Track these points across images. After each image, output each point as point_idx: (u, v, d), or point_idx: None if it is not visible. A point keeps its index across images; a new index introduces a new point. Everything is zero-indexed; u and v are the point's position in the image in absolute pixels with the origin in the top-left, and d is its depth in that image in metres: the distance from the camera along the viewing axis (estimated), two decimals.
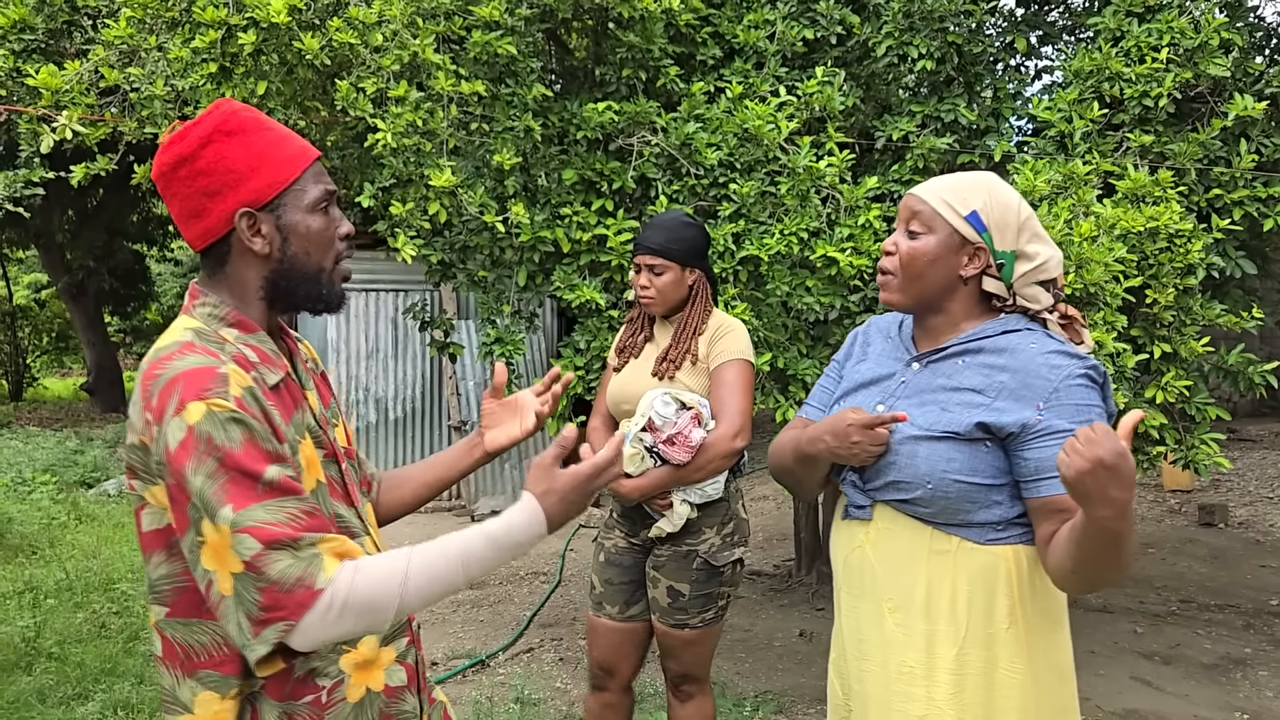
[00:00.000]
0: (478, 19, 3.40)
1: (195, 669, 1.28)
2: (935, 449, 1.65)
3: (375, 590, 1.23)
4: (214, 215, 1.34)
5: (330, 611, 1.21)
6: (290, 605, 1.19)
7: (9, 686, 4.24)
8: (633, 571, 2.82)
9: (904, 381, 1.77)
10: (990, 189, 1.71)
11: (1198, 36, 3.63)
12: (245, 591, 1.19)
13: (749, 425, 2.63)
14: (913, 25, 3.96)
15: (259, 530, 1.19)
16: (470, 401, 9.08)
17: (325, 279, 1.41)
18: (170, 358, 1.27)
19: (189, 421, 1.21)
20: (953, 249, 1.70)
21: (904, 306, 1.79)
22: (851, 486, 1.79)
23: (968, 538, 1.65)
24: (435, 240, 3.82)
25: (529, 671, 4.54)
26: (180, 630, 1.29)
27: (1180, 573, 6.13)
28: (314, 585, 1.20)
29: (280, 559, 1.19)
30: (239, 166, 1.33)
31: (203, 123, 1.34)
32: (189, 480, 1.21)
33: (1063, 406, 1.60)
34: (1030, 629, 1.66)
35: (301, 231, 1.37)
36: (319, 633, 1.21)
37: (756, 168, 3.72)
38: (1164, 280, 3.44)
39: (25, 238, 16.14)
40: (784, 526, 7.28)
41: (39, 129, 3.66)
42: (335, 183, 5.53)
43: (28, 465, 9.69)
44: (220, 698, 1.28)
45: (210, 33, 3.18)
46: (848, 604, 1.81)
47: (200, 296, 1.38)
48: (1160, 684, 4.31)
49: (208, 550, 1.21)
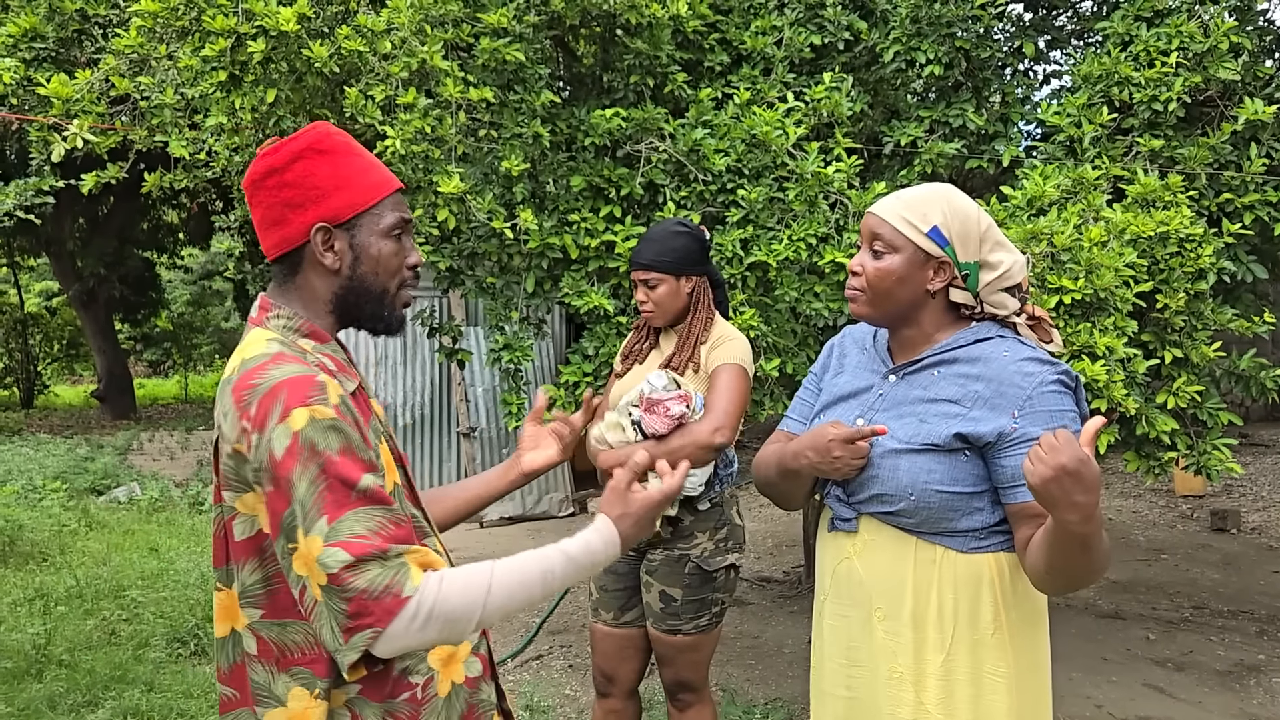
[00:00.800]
0: (486, 26, 3.41)
1: (289, 665, 1.33)
2: (916, 461, 1.68)
3: (460, 602, 1.28)
4: (293, 226, 1.41)
5: (415, 620, 1.25)
6: (378, 612, 1.23)
7: (20, 693, 4.25)
8: (628, 578, 2.82)
9: (881, 394, 1.80)
10: (948, 202, 1.73)
11: (1207, 40, 3.61)
12: (332, 601, 1.24)
13: (733, 426, 2.58)
14: (920, 31, 3.96)
15: (350, 544, 1.24)
16: (479, 408, 9.08)
17: (389, 301, 1.48)
18: (264, 367, 1.32)
19: (294, 428, 1.26)
20: (917, 265, 1.72)
21: (874, 321, 1.82)
22: (836, 500, 1.81)
23: (952, 546, 1.69)
24: (443, 247, 3.83)
25: (538, 679, 4.53)
26: (275, 630, 1.34)
27: (1193, 579, 6.10)
28: (401, 593, 1.24)
29: (369, 569, 1.24)
30: (323, 184, 1.41)
31: (298, 139, 1.42)
32: (293, 486, 1.25)
33: (1037, 414, 1.63)
34: (1014, 632, 1.70)
35: (373, 253, 1.44)
36: (403, 640, 1.26)
37: (764, 173, 3.72)
38: (1175, 285, 3.42)
39: (36, 245, 16.24)
40: (793, 533, 7.27)
41: (50, 138, 3.68)
42: None
43: (38, 472, 9.73)
44: (310, 694, 1.33)
45: (220, 41, 3.20)
46: (836, 613, 1.84)
47: (272, 309, 1.43)
48: (1173, 691, 4.28)
49: (299, 558, 1.26)
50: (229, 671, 1.39)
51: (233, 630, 1.37)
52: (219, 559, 1.38)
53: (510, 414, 3.91)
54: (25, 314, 19.72)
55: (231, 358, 1.40)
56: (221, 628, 1.39)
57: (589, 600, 2.91)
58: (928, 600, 1.69)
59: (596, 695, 2.93)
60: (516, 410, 3.90)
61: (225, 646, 1.39)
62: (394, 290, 1.48)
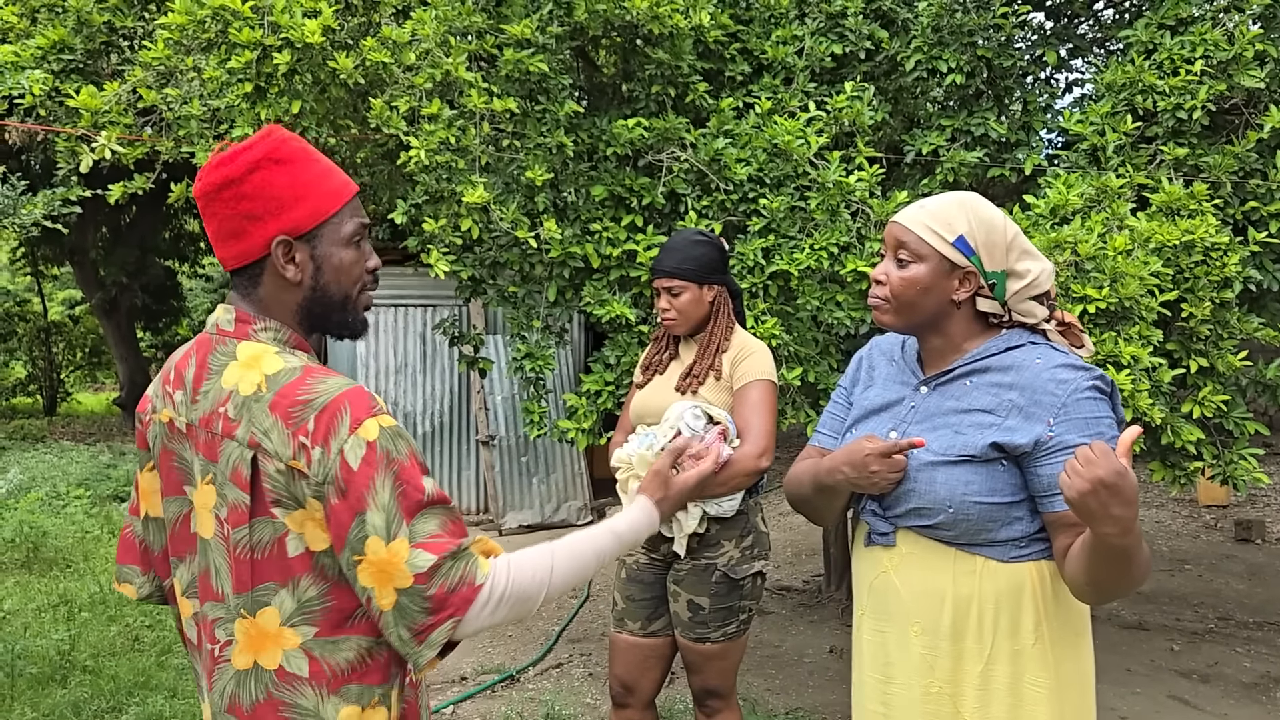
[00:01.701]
0: (509, 37, 3.44)
1: (339, 685, 1.34)
2: (953, 473, 1.66)
3: (528, 582, 1.36)
4: (253, 239, 1.37)
5: (489, 603, 1.31)
6: (456, 602, 1.28)
7: (45, 699, 4.29)
8: (654, 587, 2.82)
9: (914, 406, 1.77)
10: (974, 210, 1.70)
11: (1232, 48, 3.60)
12: (410, 603, 1.27)
13: (773, 445, 2.64)
14: (942, 40, 3.95)
15: (429, 545, 1.28)
16: (498, 416, 9.10)
17: (351, 307, 1.46)
18: (304, 382, 1.31)
19: (367, 438, 1.28)
20: (942, 275, 1.70)
21: (899, 330, 1.80)
22: (872, 515, 1.79)
23: (992, 556, 1.66)
24: (466, 256, 3.84)
25: (559, 687, 4.53)
26: (327, 649, 1.33)
27: (1217, 590, 6.04)
28: (474, 581, 1.30)
29: (447, 565, 1.29)
30: (282, 195, 1.37)
31: (253, 148, 1.37)
32: (374, 496, 1.27)
33: (1072, 421, 1.61)
34: (1055, 642, 1.67)
35: (334, 263, 1.42)
36: (480, 623, 1.32)
37: (786, 183, 3.72)
38: (1200, 294, 3.40)
39: (60, 254, 16.39)
40: (813, 542, 7.24)
41: (78, 149, 3.72)
42: (365, 199, 5.57)
43: (61, 479, 9.81)
44: (361, 710, 1.35)
45: (246, 53, 3.23)
46: (872, 629, 1.81)
47: (255, 321, 1.40)
48: (1198, 703, 4.24)
49: (365, 568, 1.27)
50: (250, 710, 1.33)
51: (255, 664, 1.33)
52: (242, 584, 1.32)
53: (532, 422, 3.92)
54: (49, 322, 19.88)
55: (229, 373, 1.36)
56: (242, 659, 1.33)
57: (612, 610, 2.91)
58: (967, 613, 1.67)
59: (613, 706, 2.92)
60: (538, 418, 3.91)
61: (245, 682, 1.33)
62: (355, 295, 1.46)
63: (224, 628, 1.35)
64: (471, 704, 4.33)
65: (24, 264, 18.59)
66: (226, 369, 1.36)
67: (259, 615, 1.32)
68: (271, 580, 1.32)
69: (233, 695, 1.35)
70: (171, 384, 1.43)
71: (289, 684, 1.32)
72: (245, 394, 1.32)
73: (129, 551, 1.58)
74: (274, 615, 1.32)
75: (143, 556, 1.57)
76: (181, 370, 1.43)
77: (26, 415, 17.64)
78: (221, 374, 1.36)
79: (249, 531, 1.31)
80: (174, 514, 1.44)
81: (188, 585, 1.43)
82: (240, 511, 1.31)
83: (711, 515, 2.66)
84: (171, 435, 1.42)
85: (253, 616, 1.32)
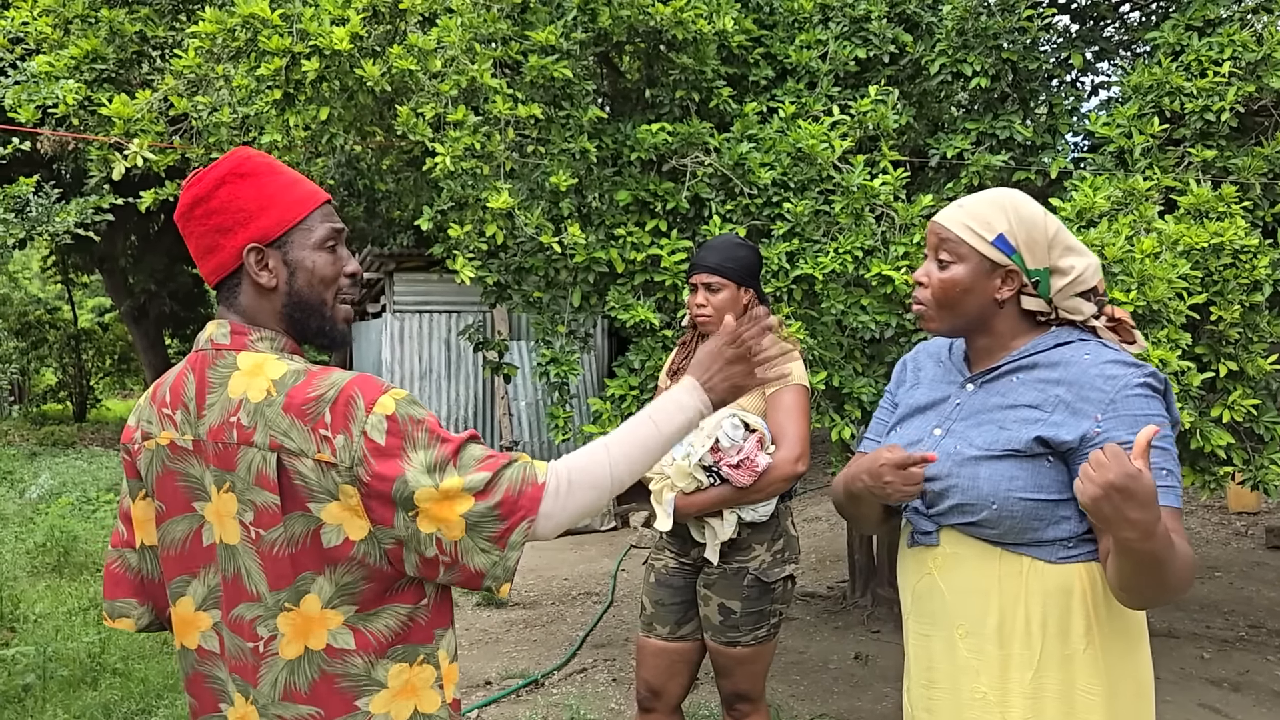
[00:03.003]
0: (534, 44, 3.46)
1: (385, 648, 1.40)
2: (996, 468, 1.62)
3: (588, 464, 1.43)
4: (226, 250, 1.43)
5: (560, 492, 1.38)
6: (526, 504, 1.35)
7: (76, 700, 4.34)
8: (684, 591, 2.82)
9: (959, 404, 1.75)
10: (1015, 208, 1.67)
11: (1260, 49, 3.57)
12: (480, 519, 1.33)
13: (808, 449, 2.64)
14: (966, 43, 3.94)
15: (482, 465, 1.36)
16: (522, 422, 9.13)
17: (329, 314, 1.49)
18: (310, 382, 1.36)
19: (386, 412, 1.34)
20: (984, 274, 1.67)
21: (944, 333, 1.77)
22: (915, 513, 1.75)
23: (1039, 557, 1.61)
24: (491, 262, 3.87)
25: (583, 692, 4.54)
26: (370, 620, 1.39)
27: (1248, 597, 5.97)
28: (537, 480, 1.38)
29: (505, 474, 1.36)
30: (249, 206, 1.43)
31: (219, 167, 1.44)
32: (409, 458, 1.32)
33: (1121, 417, 1.56)
34: (1108, 647, 1.61)
35: (307, 266, 1.46)
36: (557, 517, 1.38)
37: (810, 187, 3.72)
38: (1229, 297, 3.37)
39: (90, 262, 16.60)
40: (837, 548, 7.22)
41: (111, 156, 3.77)
42: (390, 206, 5.61)
43: (91, 484, 9.93)
44: (410, 665, 1.41)
45: (275, 61, 3.27)
46: (917, 632, 1.77)
47: (251, 331, 1.44)
48: (1229, 711, 4.19)
49: (423, 516, 1.33)
50: (308, 691, 1.37)
51: (305, 649, 1.37)
52: (283, 579, 1.36)
53: (557, 427, 3.93)
54: (78, 330, 20.15)
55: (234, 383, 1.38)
56: (291, 649, 1.37)
57: (640, 615, 2.91)
58: (1014, 615, 1.62)
59: (639, 710, 2.92)
60: (563, 423, 3.93)
61: (299, 668, 1.38)
62: (332, 301, 1.49)
63: (265, 624, 1.37)
64: (496, 709, 4.35)
65: (54, 272, 18.86)
66: (230, 380, 1.39)
67: (302, 603, 1.36)
68: (309, 570, 1.36)
69: (287, 683, 1.38)
70: (169, 406, 1.45)
71: (339, 658, 1.37)
72: (256, 400, 1.36)
73: (120, 585, 1.59)
74: (314, 600, 1.36)
75: (139, 588, 1.58)
76: (178, 390, 1.45)
77: (57, 421, 17.86)
78: (226, 385, 1.39)
79: (283, 529, 1.35)
80: (182, 533, 1.45)
81: (204, 599, 1.45)
82: (272, 513, 1.34)
83: (745, 520, 2.66)
84: (173, 456, 1.44)
85: (297, 606, 1.36)
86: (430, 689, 1.43)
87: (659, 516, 2.69)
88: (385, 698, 1.39)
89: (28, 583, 6.51)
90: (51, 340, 19.46)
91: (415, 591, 1.41)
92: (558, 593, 6.59)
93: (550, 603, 6.32)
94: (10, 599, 5.76)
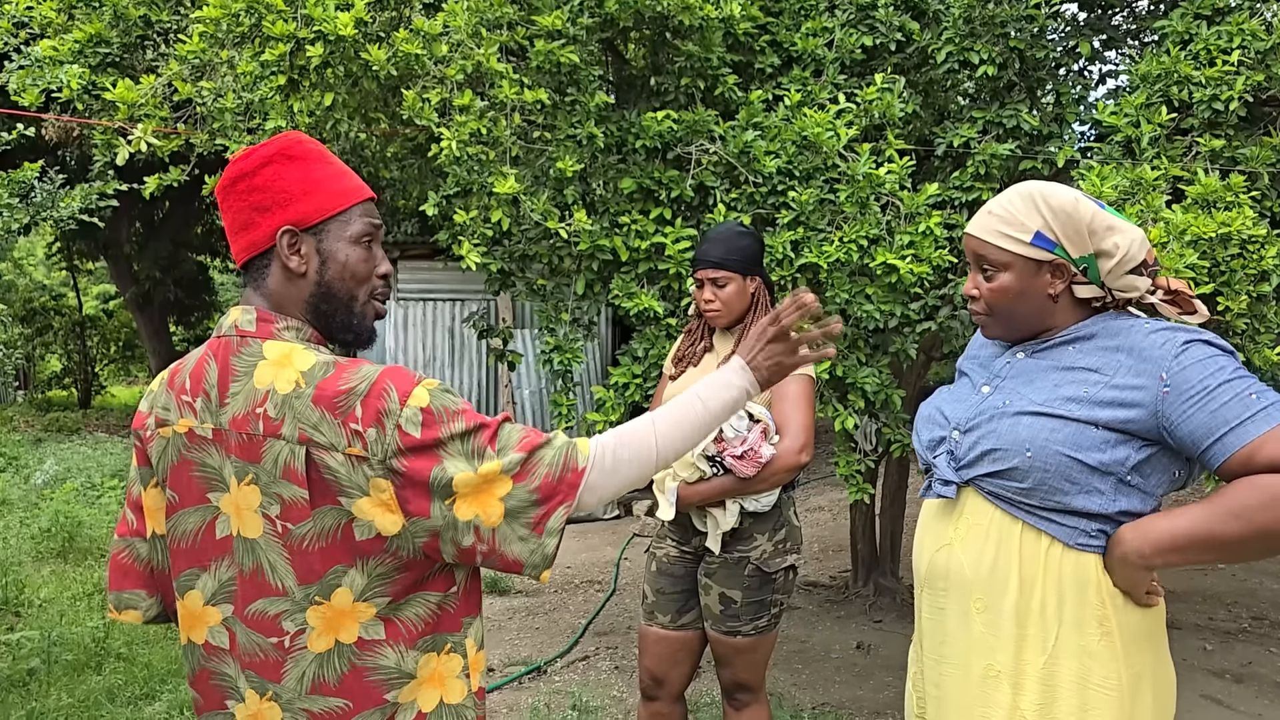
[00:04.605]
0: (540, 29, 3.44)
1: (415, 639, 1.39)
2: (1039, 420, 1.61)
3: (633, 438, 1.42)
4: (260, 229, 1.42)
5: (604, 466, 1.39)
6: (564, 490, 1.35)
7: (80, 685, 4.35)
8: (685, 580, 2.82)
9: (1009, 363, 1.73)
10: (1045, 200, 1.65)
11: (1270, 38, 3.54)
12: (519, 503, 1.33)
13: (812, 440, 2.63)
14: (973, 31, 3.92)
15: (519, 445, 1.35)
16: (526, 410, 9.14)
17: (358, 310, 1.47)
18: (341, 374, 1.34)
19: (420, 404, 1.32)
20: (1031, 275, 1.66)
21: (1009, 339, 1.76)
22: (946, 461, 1.72)
23: (1059, 537, 1.59)
24: (495, 249, 3.86)
25: (585, 679, 4.54)
26: (402, 609, 1.38)
27: (1251, 589, 5.97)
28: (577, 466, 1.37)
29: (544, 454, 1.35)
30: (291, 188, 1.41)
31: (269, 145, 1.43)
32: (446, 448, 1.31)
33: (1187, 369, 1.53)
34: (1126, 641, 1.59)
35: (340, 259, 1.44)
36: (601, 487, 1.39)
37: (815, 175, 3.71)
38: (1237, 287, 3.35)
39: (95, 249, 16.62)
40: (840, 538, 7.22)
41: (115, 142, 3.76)
42: (395, 194, 5.60)
43: (96, 470, 9.96)
44: (437, 654, 1.41)
45: (279, 46, 3.25)
46: (930, 605, 1.75)
47: (277, 320, 1.41)
48: (1232, 703, 4.19)
49: (461, 502, 1.32)
50: (338, 684, 1.36)
51: (336, 642, 1.35)
52: (312, 573, 1.33)
53: (560, 415, 3.93)
54: (83, 316, 20.17)
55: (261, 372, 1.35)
56: (321, 643, 1.35)
57: (642, 604, 2.91)
58: (1032, 594, 1.60)
59: (642, 698, 2.92)
60: (567, 411, 3.92)
61: (329, 661, 1.36)
62: (363, 299, 1.47)
63: (292, 619, 1.35)
64: (499, 695, 4.36)
65: (59, 259, 18.89)
66: (257, 369, 1.36)
67: (333, 597, 1.34)
68: (340, 563, 1.33)
69: (315, 677, 1.36)
70: (189, 393, 1.42)
71: (370, 650, 1.36)
72: (284, 392, 1.33)
73: (129, 576, 1.56)
74: (346, 594, 1.34)
75: (148, 579, 1.56)
76: (199, 377, 1.42)
77: (62, 408, 17.91)
78: (252, 375, 1.36)
79: (313, 523, 1.33)
80: (194, 525, 1.42)
81: (214, 593, 1.42)
82: (301, 507, 1.32)
83: (748, 510, 2.66)
84: (191, 445, 1.41)
85: (328, 600, 1.34)
86: (456, 678, 1.43)
87: (661, 506, 2.69)
88: (413, 688, 1.39)
89: (32, 568, 6.53)
90: (56, 327, 19.49)
91: (446, 578, 1.41)
92: (561, 581, 6.61)
93: (553, 591, 6.33)
94: (15, 584, 5.78)
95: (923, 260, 3.49)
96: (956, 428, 1.72)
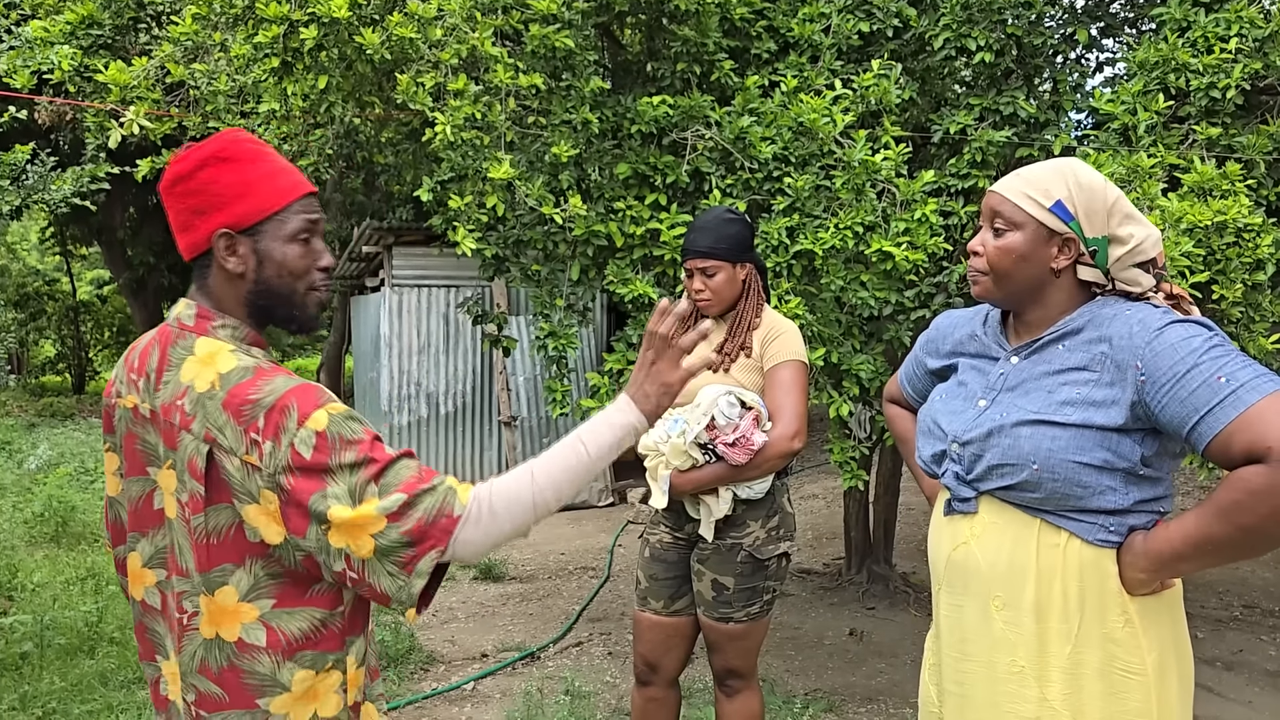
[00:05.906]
0: (535, 13, 3.42)
1: (294, 652, 1.41)
2: (1039, 430, 1.60)
3: (511, 490, 1.42)
4: (198, 232, 1.45)
5: (479, 520, 1.38)
6: (436, 534, 1.35)
7: (73, 669, 4.35)
8: (678, 566, 2.82)
9: (1003, 374, 1.72)
10: (1074, 175, 1.65)
11: (1267, 26, 3.54)
12: (390, 543, 1.33)
13: (805, 426, 2.62)
14: (971, 18, 3.91)
15: (402, 486, 1.35)
16: (520, 397, 9.13)
17: (298, 302, 1.50)
18: (255, 383, 1.37)
19: (317, 428, 1.34)
20: (1040, 242, 1.64)
21: (997, 302, 1.74)
22: (954, 477, 1.71)
23: (1078, 534, 1.58)
24: (490, 235, 3.85)
25: (578, 665, 4.55)
26: (285, 619, 1.41)
27: (1243, 577, 5.99)
28: (453, 513, 1.36)
29: (423, 500, 1.35)
30: (226, 191, 1.44)
31: (205, 147, 1.45)
32: (332, 476, 1.33)
33: (1160, 354, 1.52)
34: (1148, 626, 1.59)
35: (277, 258, 1.46)
36: (477, 541, 1.38)
37: (811, 161, 3.70)
38: (1232, 276, 3.36)
39: (89, 234, 16.55)
40: (834, 525, 7.23)
41: (107, 124, 3.74)
42: (389, 179, 5.56)
43: (90, 455, 9.94)
44: (314, 673, 1.43)
45: (272, 28, 3.23)
46: (949, 603, 1.74)
47: (215, 318, 1.46)
48: (1222, 690, 4.21)
49: (334, 532, 1.33)
50: (218, 673, 1.42)
51: (217, 635, 1.41)
52: (202, 564, 1.39)
53: (555, 401, 3.92)
54: (77, 302, 20.11)
55: (187, 367, 1.41)
56: (207, 630, 1.42)
57: (635, 590, 2.91)
58: (1051, 588, 1.59)
59: (636, 684, 2.93)
60: (561, 397, 3.92)
61: (211, 649, 1.42)
62: (303, 292, 1.50)
63: (190, 600, 1.42)
64: (492, 680, 4.36)
65: (53, 244, 18.79)
66: (185, 363, 1.42)
67: (217, 594, 1.39)
68: (228, 562, 1.39)
69: (202, 659, 1.42)
70: (136, 371, 1.49)
71: (247, 653, 1.40)
72: (200, 391, 1.38)
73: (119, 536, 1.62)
74: (231, 593, 1.39)
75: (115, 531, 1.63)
76: (145, 359, 1.48)
77: (56, 393, 17.85)
78: (180, 368, 1.42)
79: (205, 519, 1.38)
80: (137, 493, 1.50)
81: (150, 557, 1.50)
82: (197, 500, 1.38)
83: (741, 497, 2.66)
84: (136, 420, 1.48)
85: (211, 595, 1.40)
86: (333, 693, 1.46)
87: (654, 494, 2.69)
88: (286, 700, 1.42)
89: (26, 552, 6.52)
90: (50, 312, 19.45)
91: (334, 597, 1.43)
92: (554, 567, 6.61)
93: (547, 577, 6.34)
94: (8, 568, 5.77)
95: (918, 247, 3.48)
96: (955, 440, 1.72)
